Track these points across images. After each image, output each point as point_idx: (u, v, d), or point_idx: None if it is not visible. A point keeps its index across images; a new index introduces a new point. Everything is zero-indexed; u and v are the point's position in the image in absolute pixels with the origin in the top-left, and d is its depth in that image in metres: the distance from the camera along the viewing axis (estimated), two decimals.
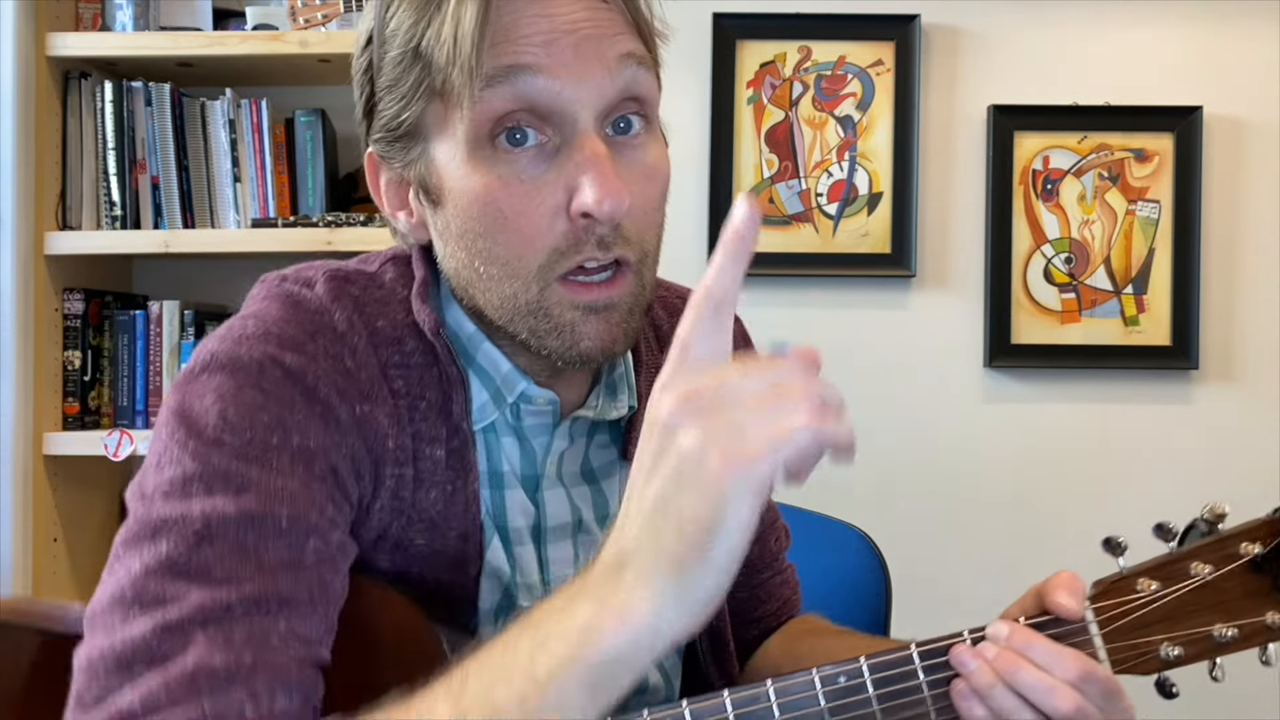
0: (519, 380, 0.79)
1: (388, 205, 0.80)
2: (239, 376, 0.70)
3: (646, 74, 0.77)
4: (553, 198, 0.71)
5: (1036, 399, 2.14)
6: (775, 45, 2.12)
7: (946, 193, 2.14)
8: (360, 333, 0.75)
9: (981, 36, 2.13)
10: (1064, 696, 0.70)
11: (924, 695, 0.72)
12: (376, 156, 0.79)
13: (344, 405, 0.72)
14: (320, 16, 2.01)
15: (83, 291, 2.14)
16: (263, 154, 2.11)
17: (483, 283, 0.74)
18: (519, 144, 0.71)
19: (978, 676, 0.71)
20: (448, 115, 0.72)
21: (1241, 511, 2.42)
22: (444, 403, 0.76)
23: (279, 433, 0.69)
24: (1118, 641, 0.76)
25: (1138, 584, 0.76)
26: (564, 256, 0.72)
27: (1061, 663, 0.71)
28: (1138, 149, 2.11)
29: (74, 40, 2.07)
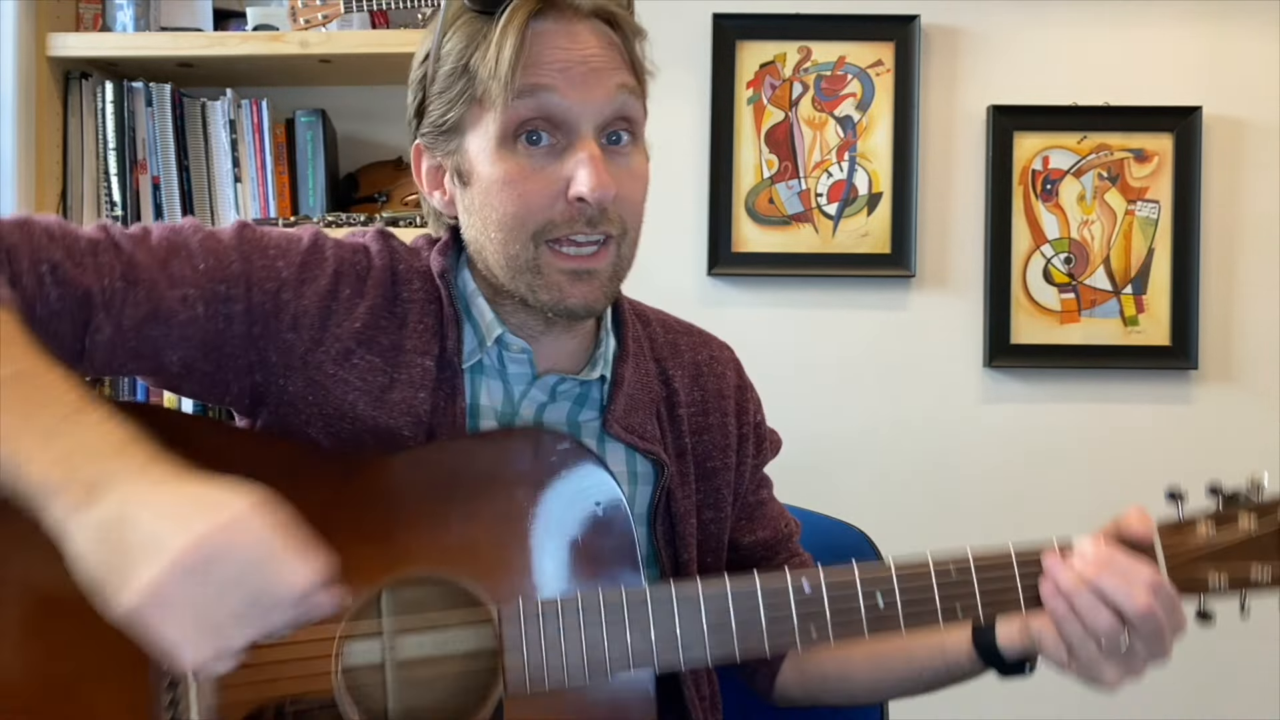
0: (498, 327, 0.98)
1: (427, 186, 1.02)
2: (295, 233, 0.99)
3: (635, 101, 0.96)
4: (555, 184, 0.92)
5: (1036, 399, 2.14)
6: (775, 46, 2.12)
7: (946, 193, 2.14)
8: (385, 261, 0.99)
9: (981, 37, 2.14)
10: (1139, 598, 0.87)
11: (1018, 593, 0.89)
12: (423, 147, 1.01)
13: (337, 283, 0.96)
14: (321, 17, 2.01)
15: None
16: (263, 154, 2.11)
17: (493, 245, 0.95)
18: (535, 143, 0.93)
19: (1064, 575, 0.88)
20: (483, 117, 0.94)
21: None
22: (439, 328, 0.98)
23: (275, 252, 0.95)
24: (1177, 570, 0.91)
25: (1197, 529, 0.92)
26: (557, 228, 0.93)
27: (1138, 572, 0.88)
28: (1137, 149, 2.11)
29: (75, 40, 2.07)
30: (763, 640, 0.86)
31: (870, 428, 2.13)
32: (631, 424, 1.02)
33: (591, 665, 0.84)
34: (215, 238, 0.93)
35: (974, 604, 0.89)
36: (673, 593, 0.86)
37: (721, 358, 1.12)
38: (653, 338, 1.09)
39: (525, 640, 0.84)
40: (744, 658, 0.86)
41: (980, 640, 0.98)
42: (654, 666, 0.86)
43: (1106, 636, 0.88)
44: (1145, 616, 0.87)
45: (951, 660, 1.01)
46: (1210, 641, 2.11)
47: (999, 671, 0.99)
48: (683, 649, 0.85)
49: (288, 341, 0.94)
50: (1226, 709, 2.12)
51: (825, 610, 0.87)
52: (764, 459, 1.14)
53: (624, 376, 1.02)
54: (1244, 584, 0.92)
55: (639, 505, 1.03)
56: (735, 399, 1.10)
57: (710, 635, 0.86)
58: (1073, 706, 2.14)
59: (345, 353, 0.95)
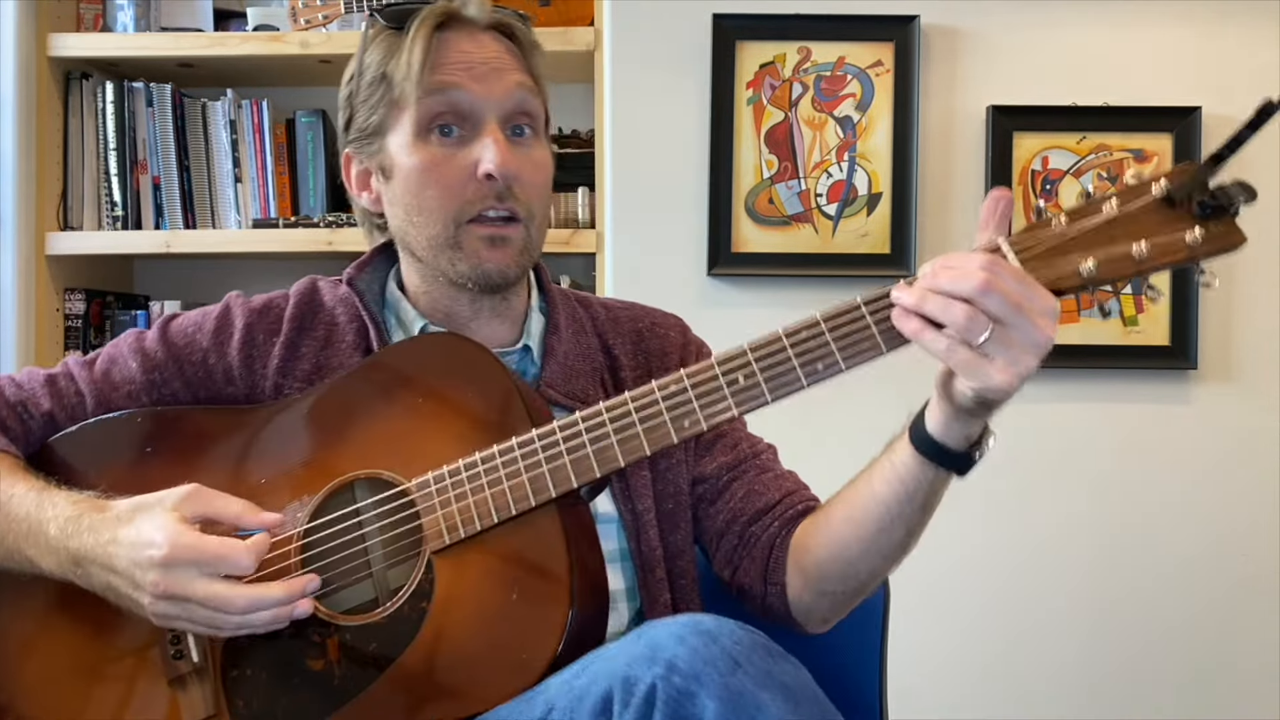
0: (419, 320, 1.12)
1: (356, 188, 1.16)
2: (210, 308, 1.17)
3: (535, 99, 1.09)
4: (466, 167, 1.05)
5: (1036, 399, 2.13)
6: (775, 46, 2.12)
7: (946, 193, 2.14)
8: (303, 298, 1.15)
9: (981, 37, 2.14)
10: (975, 277, 0.83)
11: (873, 332, 0.90)
12: (351, 154, 1.15)
13: (250, 334, 1.12)
14: (321, 17, 2.02)
15: (84, 292, 2.15)
16: (263, 154, 2.11)
17: (416, 230, 1.08)
18: (446, 135, 1.06)
19: (907, 296, 0.86)
20: (400, 117, 1.07)
21: (1240, 511, 2.41)
22: (359, 340, 1.11)
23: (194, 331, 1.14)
24: (1034, 265, 0.87)
25: (1052, 221, 0.89)
26: (471, 205, 1.05)
27: (971, 260, 0.85)
28: (1137, 149, 2.11)
29: (75, 41, 2.07)
30: (641, 442, 0.93)
31: (869, 428, 2.13)
32: (572, 390, 1.11)
33: (497, 506, 0.94)
34: (142, 340, 1.13)
35: (833, 357, 0.91)
36: (556, 427, 0.95)
37: (665, 322, 1.21)
38: (594, 317, 1.19)
39: (437, 501, 0.95)
40: (627, 462, 0.93)
41: (917, 438, 0.98)
42: (551, 493, 0.93)
43: (966, 329, 0.83)
44: (985, 291, 0.82)
45: (905, 474, 0.98)
46: (1210, 641, 2.12)
47: (949, 466, 0.97)
48: (574, 473, 0.93)
49: (230, 395, 1.12)
50: (1226, 709, 2.12)
51: (692, 400, 0.92)
52: None
53: (555, 349, 1.13)
54: (1127, 264, 0.88)
55: None
56: (679, 355, 1.18)
57: (596, 455, 0.94)
58: (1073, 706, 2.14)
59: (276, 387, 1.11)
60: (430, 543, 0.95)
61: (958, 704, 2.08)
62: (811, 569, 1.08)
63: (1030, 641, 2.12)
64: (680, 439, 0.93)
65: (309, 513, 1.00)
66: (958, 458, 0.96)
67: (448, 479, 0.96)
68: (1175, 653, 2.12)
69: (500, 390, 1.00)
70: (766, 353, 0.92)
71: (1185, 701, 2.12)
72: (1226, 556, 2.10)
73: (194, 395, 1.12)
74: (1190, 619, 2.11)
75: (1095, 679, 2.13)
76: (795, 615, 1.10)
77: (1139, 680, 2.13)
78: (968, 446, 0.96)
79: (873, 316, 0.90)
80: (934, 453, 0.96)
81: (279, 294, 1.17)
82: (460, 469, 0.96)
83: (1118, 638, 2.12)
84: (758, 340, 0.92)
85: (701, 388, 0.93)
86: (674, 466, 1.13)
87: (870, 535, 1.02)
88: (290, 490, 1.02)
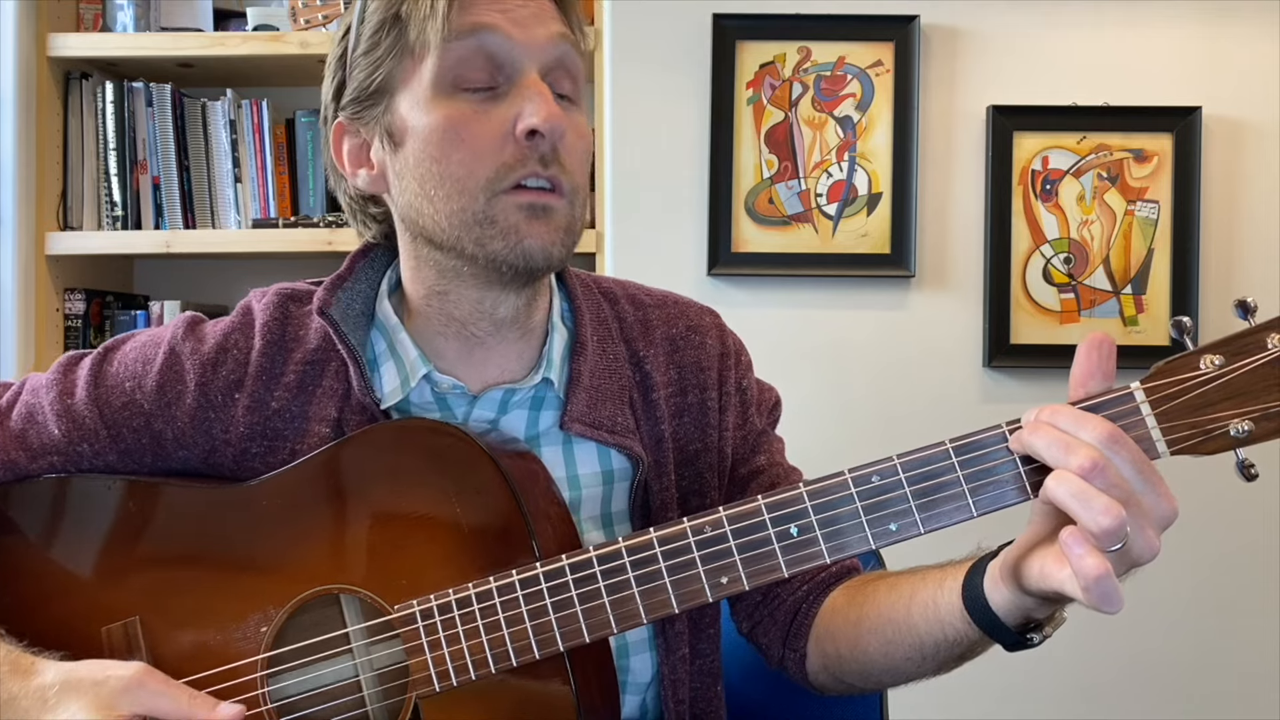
0: (422, 366, 0.92)
1: (349, 167, 0.94)
2: (150, 349, 0.96)
3: (577, 57, 0.90)
4: (502, 125, 0.85)
5: (1036, 399, 2.13)
6: (775, 46, 2.12)
7: (946, 193, 2.14)
8: (271, 332, 0.94)
9: (981, 37, 2.14)
10: (1080, 453, 0.67)
11: (961, 488, 0.74)
12: (344, 125, 0.93)
13: (204, 394, 0.93)
14: (321, 17, 2.02)
15: (84, 291, 2.14)
16: (263, 154, 2.11)
17: (433, 205, 0.87)
18: (475, 90, 0.86)
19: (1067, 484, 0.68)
20: (415, 69, 0.87)
21: (1239, 512, 2.40)
22: (337, 384, 0.92)
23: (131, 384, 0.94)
24: (1175, 421, 0.70)
25: (1200, 361, 0.70)
26: (510, 171, 0.85)
27: (1085, 425, 0.69)
28: (1137, 149, 2.11)
29: (75, 41, 2.07)
30: (669, 599, 0.78)
31: (870, 428, 2.13)
32: (598, 418, 0.94)
33: (495, 655, 0.80)
34: (69, 395, 0.93)
35: (910, 513, 0.75)
36: (566, 566, 0.80)
37: (701, 325, 1.04)
38: (621, 318, 1.02)
39: (425, 641, 0.81)
40: (650, 619, 0.79)
41: (970, 596, 0.81)
42: (559, 647, 0.80)
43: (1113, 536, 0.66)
44: (1095, 479, 0.67)
45: (948, 627, 0.84)
46: (1210, 640, 2.12)
47: (1000, 640, 0.81)
48: (586, 627, 0.79)
49: (182, 458, 0.94)
50: (1227, 709, 2.12)
51: (733, 551, 0.77)
52: (751, 427, 1.04)
53: (581, 371, 0.95)
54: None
55: (616, 504, 0.97)
56: (717, 368, 1.02)
57: (612, 607, 0.79)
58: (1073, 707, 2.14)
59: (241, 451, 0.93)
60: (418, 687, 0.82)
61: (958, 704, 2.08)
62: (831, 658, 0.98)
63: None
64: (716, 598, 0.78)
65: (273, 633, 0.86)
66: (1010, 637, 0.80)
67: (436, 614, 0.81)
68: (1174, 652, 2.12)
69: (500, 504, 0.83)
70: (828, 499, 0.77)
71: (1185, 701, 2.12)
72: (1227, 556, 2.11)
73: (134, 461, 0.94)
74: (1190, 618, 2.11)
75: (1095, 679, 2.13)
76: (810, 683, 1.02)
77: (1139, 680, 2.13)
78: (1025, 626, 0.80)
79: (962, 468, 0.75)
80: (986, 624, 0.80)
81: (237, 324, 0.96)
82: (452, 603, 0.81)
83: (1118, 637, 2.12)
84: (817, 480, 0.78)
85: (747, 541, 0.77)
86: (706, 505, 0.99)
87: (897, 663, 0.91)
88: (249, 601, 0.86)
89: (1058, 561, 0.71)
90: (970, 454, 0.74)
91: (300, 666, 0.85)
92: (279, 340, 0.94)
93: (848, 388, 2.14)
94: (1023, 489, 0.73)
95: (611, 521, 0.97)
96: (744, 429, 1.03)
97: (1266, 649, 2.12)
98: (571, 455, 0.95)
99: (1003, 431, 0.74)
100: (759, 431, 1.05)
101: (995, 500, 0.74)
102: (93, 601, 0.89)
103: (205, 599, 0.87)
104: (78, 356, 0.96)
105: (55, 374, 0.95)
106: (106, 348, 0.96)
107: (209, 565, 0.88)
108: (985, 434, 0.74)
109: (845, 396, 2.14)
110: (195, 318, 0.98)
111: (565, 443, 0.96)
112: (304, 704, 0.85)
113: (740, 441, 1.03)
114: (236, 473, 0.93)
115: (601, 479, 0.96)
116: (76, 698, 0.78)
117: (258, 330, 0.94)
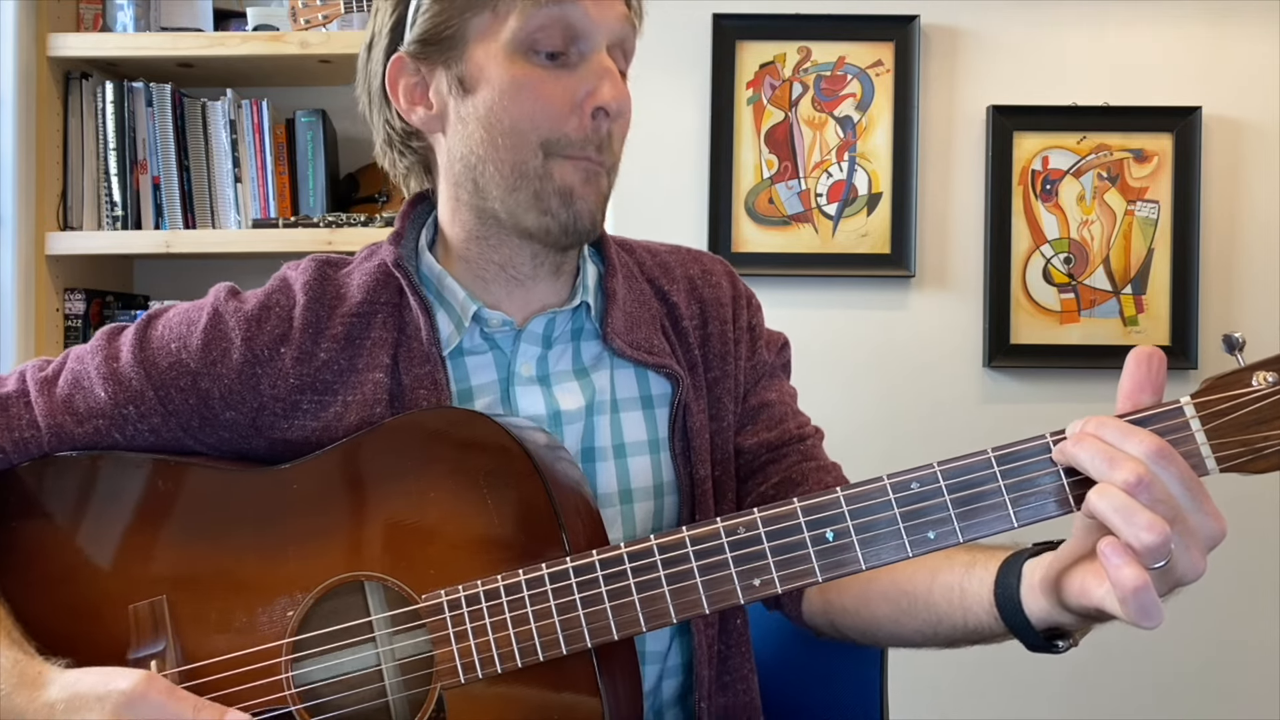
0: (472, 304, 0.96)
1: (404, 102, 0.97)
2: (194, 312, 0.98)
3: (633, 36, 0.95)
4: (572, 93, 0.91)
5: (1036, 399, 2.14)
6: (775, 46, 2.12)
7: (946, 193, 2.14)
8: (313, 290, 0.97)
9: (981, 37, 2.14)
10: (1125, 467, 0.66)
11: (1003, 498, 0.72)
12: (405, 60, 0.95)
13: (250, 348, 0.94)
14: (321, 17, 2.02)
15: (84, 291, 2.14)
16: (263, 154, 2.11)
17: (497, 154, 0.92)
18: (550, 58, 0.91)
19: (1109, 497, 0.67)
20: (495, 25, 0.91)
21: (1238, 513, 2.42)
22: (398, 328, 0.96)
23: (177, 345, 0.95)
24: (1225, 438, 0.69)
25: (1253, 378, 0.69)
26: (570, 144, 0.91)
27: (1132, 438, 0.68)
28: (1137, 149, 2.11)
29: (75, 41, 2.07)
30: (700, 599, 0.78)
31: (870, 428, 2.13)
32: (636, 340, 0.99)
33: (522, 649, 0.80)
34: (114, 359, 0.95)
35: (949, 522, 0.73)
36: (596, 562, 0.80)
37: (714, 270, 1.12)
38: (641, 263, 1.09)
39: (451, 631, 0.82)
40: (679, 618, 0.78)
41: (1003, 596, 0.80)
42: (587, 643, 0.79)
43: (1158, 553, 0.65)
44: (1141, 495, 0.66)
45: (971, 615, 0.85)
46: (1210, 640, 2.12)
47: (1026, 643, 0.81)
48: (615, 624, 0.79)
49: (230, 419, 0.95)
50: (1227, 709, 2.12)
51: (766, 553, 0.76)
52: (760, 358, 1.10)
53: (614, 290, 1.01)
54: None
55: (660, 430, 1.00)
56: (731, 307, 1.08)
57: (642, 604, 0.78)
58: (1073, 706, 2.14)
59: (291, 406, 0.94)
60: (443, 678, 0.82)
61: (958, 704, 2.08)
62: (835, 608, 1.00)
63: None
64: (748, 600, 0.77)
65: (299, 618, 0.86)
66: (1036, 639, 0.80)
67: (464, 605, 0.81)
68: (1175, 653, 2.12)
69: (531, 496, 0.83)
70: (866, 505, 0.75)
71: (1185, 701, 2.12)
72: (1228, 555, 2.10)
73: (180, 426, 0.95)
74: (1191, 618, 2.11)
75: (1094, 679, 2.13)
76: (804, 622, 1.04)
77: (1139, 680, 2.12)
78: (1053, 632, 0.80)
79: (1006, 475, 0.73)
80: (1017, 626, 0.80)
81: (277, 285, 0.99)
82: (480, 595, 0.81)
83: (1118, 637, 2.12)
84: (854, 486, 0.77)
85: (781, 545, 0.76)
86: (723, 431, 1.03)
87: (906, 633, 0.93)
88: (276, 584, 0.87)
89: (1098, 577, 0.70)
90: (1013, 463, 0.73)
91: (326, 652, 0.86)
92: (320, 296, 0.97)
93: (848, 388, 2.14)
94: (1065, 501, 0.72)
95: (657, 449, 1.00)
96: (753, 359, 1.09)
97: (1267, 648, 2.11)
98: (614, 381, 1.00)
99: (1046, 442, 0.72)
100: (767, 364, 1.11)
101: (1037, 512, 0.72)
102: (121, 579, 0.90)
103: (232, 581, 0.87)
104: (120, 327, 0.98)
105: (100, 341, 0.97)
106: (150, 315, 0.99)
107: (237, 547, 0.88)
108: (1029, 444, 0.73)
109: (845, 396, 2.14)
110: (233, 287, 1.00)
111: (609, 368, 1.00)
112: (328, 689, 0.86)
113: (750, 371, 1.08)
114: (288, 430, 0.94)
115: (641, 404, 1.01)
116: (82, 716, 0.79)
117: (299, 289, 0.98)
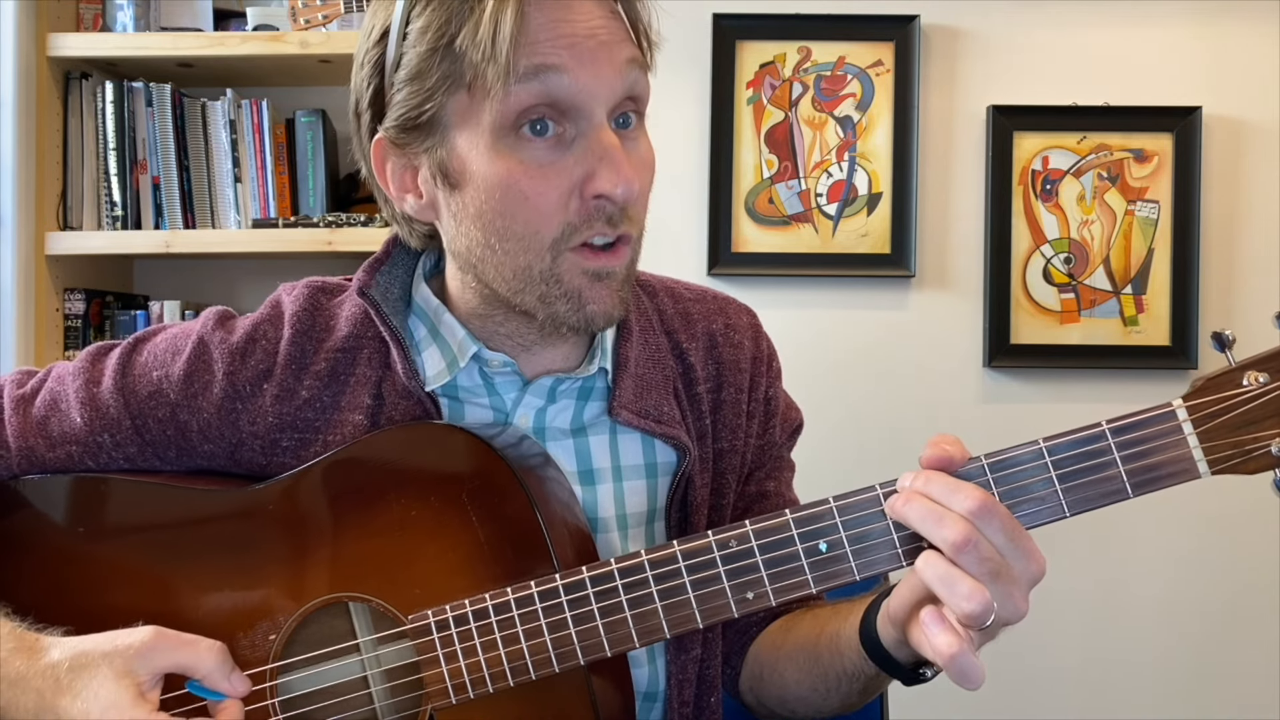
0: (471, 344, 0.90)
1: (394, 189, 0.89)
2: (180, 339, 0.93)
3: (644, 77, 0.86)
4: (568, 180, 0.81)
5: (1036, 399, 2.14)
6: (775, 46, 2.12)
7: (946, 193, 2.14)
8: (301, 322, 0.92)
9: (981, 37, 2.14)
10: (952, 526, 0.68)
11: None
12: (386, 143, 0.87)
13: (232, 384, 0.90)
14: (321, 17, 2.01)
15: (84, 291, 2.14)
16: (263, 154, 2.11)
17: (496, 257, 0.84)
18: (540, 134, 0.80)
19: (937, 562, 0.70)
20: (473, 107, 0.80)
21: (1238, 514, 2.40)
22: (371, 371, 0.90)
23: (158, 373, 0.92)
24: (1217, 440, 0.70)
25: (1243, 378, 0.70)
26: (576, 231, 0.82)
27: (957, 495, 0.70)
28: (1137, 149, 2.11)
29: (75, 41, 2.07)
30: (694, 613, 0.76)
31: (870, 428, 2.13)
32: (644, 407, 0.92)
33: (513, 668, 0.78)
34: (95, 382, 0.91)
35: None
36: (587, 579, 0.78)
37: (738, 324, 1.02)
38: (661, 310, 1.01)
39: (440, 653, 0.79)
40: (673, 634, 0.77)
41: (866, 635, 0.83)
42: (579, 660, 0.78)
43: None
44: (967, 552, 0.69)
45: (847, 660, 0.86)
46: (1210, 641, 2.12)
47: (894, 674, 0.83)
48: (607, 641, 0.77)
49: (208, 452, 0.92)
50: (1226, 709, 2.12)
51: (759, 566, 0.75)
52: (770, 437, 1.03)
53: (628, 357, 0.93)
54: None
55: (658, 499, 0.95)
56: (750, 372, 1.00)
57: (634, 621, 0.77)
58: (1072, 706, 2.14)
59: (270, 444, 0.91)
60: (433, 699, 0.80)
61: (957, 704, 2.08)
62: (755, 679, 0.99)
63: (1030, 641, 2.11)
64: (741, 614, 0.76)
65: (282, 641, 0.84)
66: (902, 672, 0.83)
67: (452, 625, 0.79)
68: (1175, 653, 2.12)
69: (516, 511, 0.81)
70: (858, 515, 0.75)
71: (1186, 701, 2.12)
72: (1228, 555, 2.10)
73: (156, 455, 0.92)
74: (1191, 617, 2.11)
75: (1095, 679, 2.13)
76: (740, 699, 1.03)
77: (1139, 680, 2.13)
78: (920, 661, 0.81)
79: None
80: (880, 659, 0.83)
81: (267, 315, 0.94)
82: (468, 614, 0.79)
83: (1117, 637, 2.12)
84: (845, 495, 0.76)
85: (772, 552, 0.75)
86: (720, 509, 0.99)
87: (805, 692, 0.93)
88: (258, 608, 0.85)
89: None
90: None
91: (311, 676, 0.84)
92: (308, 329, 0.92)
93: (848, 388, 2.14)
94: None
95: (654, 519, 0.96)
96: (763, 439, 1.02)
97: (1267, 648, 2.12)
98: (617, 446, 0.94)
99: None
100: (777, 448, 1.05)
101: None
102: (98, 603, 0.87)
103: (212, 605, 0.85)
104: (107, 347, 0.94)
105: (83, 362, 0.93)
106: (137, 338, 0.94)
107: (217, 570, 0.86)
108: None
109: (846, 397, 2.14)
110: (225, 311, 0.96)
111: (612, 432, 0.94)
112: (315, 715, 0.83)
113: (757, 451, 1.02)
114: (265, 469, 0.91)
115: (644, 472, 0.95)
116: (92, 674, 0.76)
117: (287, 320, 0.92)
